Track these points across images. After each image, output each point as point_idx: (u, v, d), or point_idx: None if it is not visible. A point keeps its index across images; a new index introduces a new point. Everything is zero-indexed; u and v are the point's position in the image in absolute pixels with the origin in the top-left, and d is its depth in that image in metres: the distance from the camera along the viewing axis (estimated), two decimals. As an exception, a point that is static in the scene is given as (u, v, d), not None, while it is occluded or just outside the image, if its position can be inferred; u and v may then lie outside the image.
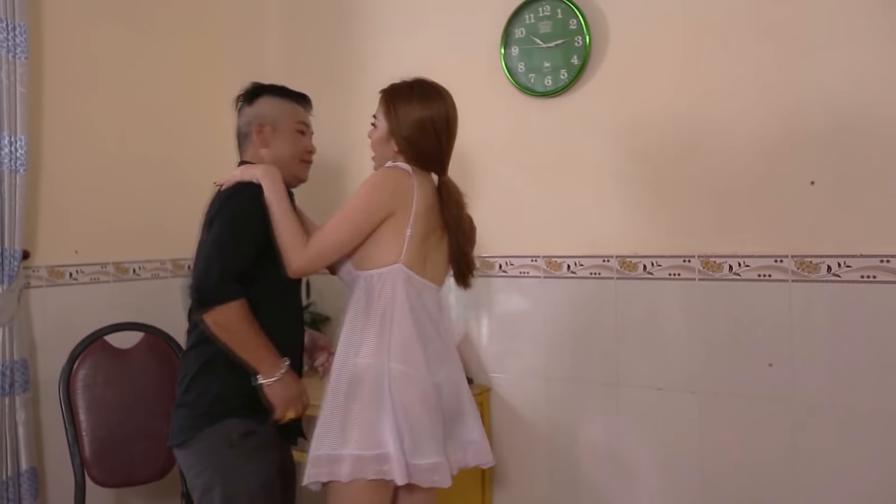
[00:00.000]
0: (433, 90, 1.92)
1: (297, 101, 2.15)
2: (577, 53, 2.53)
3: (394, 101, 1.90)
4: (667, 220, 2.42)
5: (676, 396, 2.39)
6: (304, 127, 2.13)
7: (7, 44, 2.52)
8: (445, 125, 1.91)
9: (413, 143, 1.87)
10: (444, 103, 1.92)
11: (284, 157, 2.06)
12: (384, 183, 1.82)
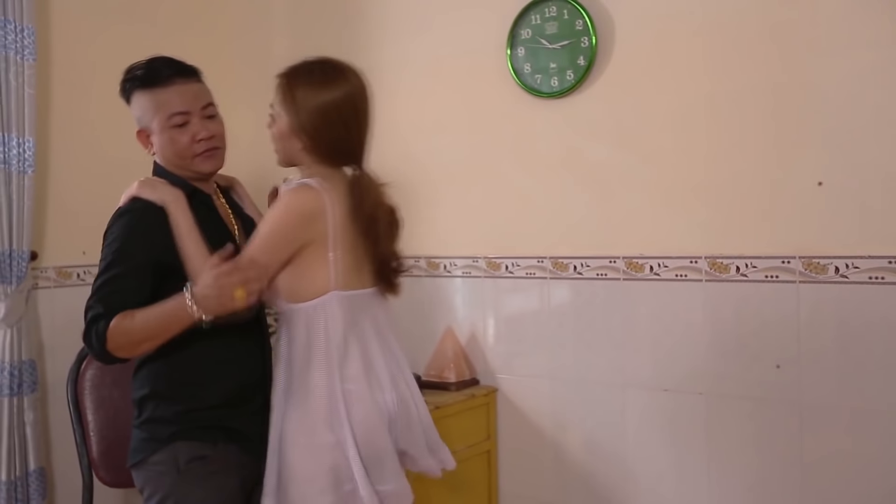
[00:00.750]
0: (335, 70, 1.70)
1: (165, 86, 1.78)
2: (584, 54, 2.53)
3: (291, 86, 1.68)
4: (673, 221, 2.41)
5: (683, 398, 2.39)
6: (180, 118, 1.78)
7: (16, 45, 2.53)
8: (353, 110, 1.68)
9: (318, 135, 1.66)
10: (350, 84, 1.69)
11: (172, 160, 1.80)
12: (291, 213, 1.63)
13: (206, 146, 1.80)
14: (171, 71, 1.79)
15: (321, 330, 1.65)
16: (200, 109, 1.80)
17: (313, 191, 1.63)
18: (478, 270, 2.78)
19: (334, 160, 1.70)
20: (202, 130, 1.79)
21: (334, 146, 1.68)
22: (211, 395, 1.77)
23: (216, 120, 1.84)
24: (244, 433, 1.79)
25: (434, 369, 2.73)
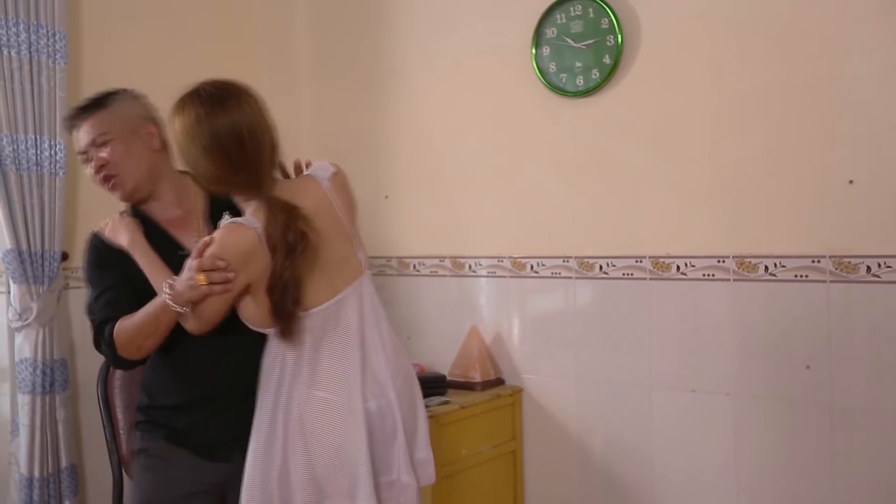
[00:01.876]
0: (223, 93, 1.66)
1: (72, 132, 1.88)
2: (609, 53, 2.52)
3: (168, 126, 1.68)
4: (700, 221, 2.39)
5: (711, 399, 2.36)
6: (83, 158, 1.87)
7: (48, 49, 2.57)
8: (237, 141, 1.60)
9: (211, 181, 1.63)
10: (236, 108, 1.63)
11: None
12: (227, 256, 1.56)
13: (100, 177, 1.85)
14: (74, 115, 1.87)
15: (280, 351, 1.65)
16: (91, 143, 1.83)
17: (247, 231, 1.58)
18: (503, 270, 2.77)
19: (239, 196, 1.69)
20: (94, 160, 1.84)
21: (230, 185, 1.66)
22: (163, 395, 1.89)
23: (107, 147, 1.83)
24: (195, 439, 1.85)
25: (459, 369, 2.73)
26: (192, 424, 1.86)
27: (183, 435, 1.86)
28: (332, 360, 1.65)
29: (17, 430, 2.57)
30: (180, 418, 1.87)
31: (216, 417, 1.85)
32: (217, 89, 1.65)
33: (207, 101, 1.62)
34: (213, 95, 1.63)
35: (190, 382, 1.87)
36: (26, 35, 2.52)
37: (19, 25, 2.50)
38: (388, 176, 2.98)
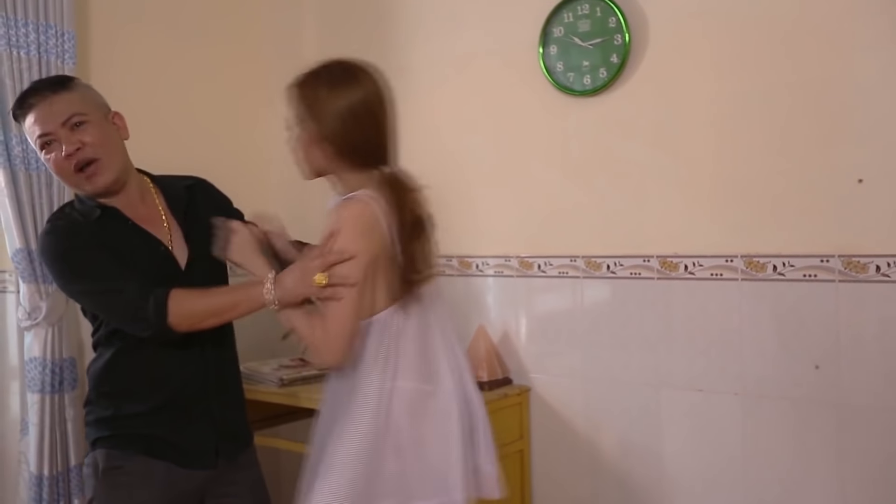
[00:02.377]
0: (346, 72, 1.62)
1: (26, 113, 1.69)
2: (617, 52, 2.51)
3: (305, 95, 1.61)
4: (708, 220, 2.39)
5: (719, 398, 2.36)
6: (44, 140, 1.67)
7: (56, 49, 2.58)
8: (380, 105, 1.62)
9: (347, 139, 1.59)
10: (364, 84, 1.62)
11: (61, 180, 1.76)
12: (351, 230, 1.56)
13: (75, 161, 1.67)
14: (33, 94, 1.68)
15: (383, 342, 1.61)
16: (62, 124, 1.66)
17: (362, 203, 1.58)
18: (510, 270, 2.77)
19: (362, 163, 1.63)
20: (67, 144, 1.66)
21: (362, 149, 1.62)
22: (137, 402, 1.76)
23: (85, 128, 1.68)
24: (177, 447, 1.77)
25: (466, 368, 2.73)
26: (172, 431, 1.76)
27: (163, 444, 1.75)
28: (424, 350, 1.66)
29: (27, 429, 2.58)
30: (158, 425, 1.75)
31: (197, 421, 1.78)
32: (356, 62, 1.66)
33: (356, 67, 1.64)
34: (357, 65, 1.65)
35: (165, 383, 1.77)
36: (35, 35, 2.52)
37: (28, 26, 2.51)
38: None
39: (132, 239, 1.79)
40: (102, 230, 1.76)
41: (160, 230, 1.85)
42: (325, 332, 1.55)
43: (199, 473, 1.80)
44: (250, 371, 2.94)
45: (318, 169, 1.67)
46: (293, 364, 3.00)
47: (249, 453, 1.98)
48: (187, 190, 1.93)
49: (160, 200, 1.89)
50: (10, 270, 2.64)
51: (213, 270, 1.86)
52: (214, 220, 1.75)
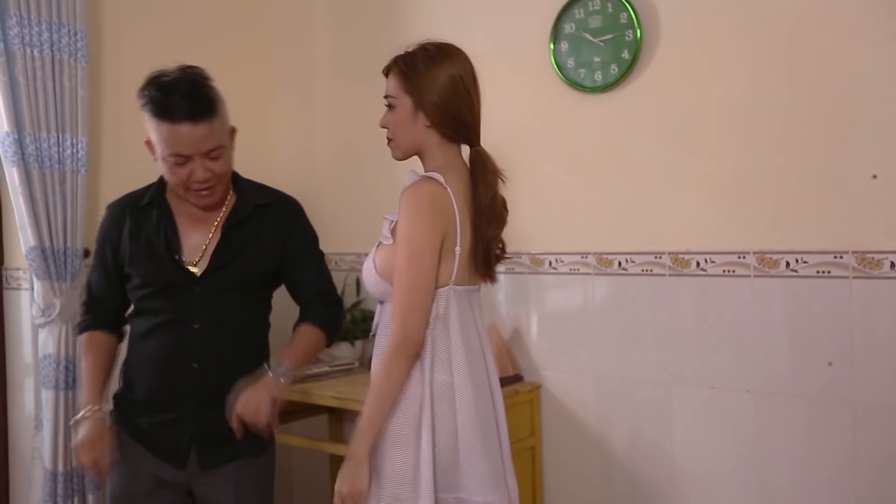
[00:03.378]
0: (448, 47, 1.71)
1: (173, 124, 1.77)
2: (628, 48, 2.50)
3: (412, 69, 1.67)
4: (720, 216, 2.38)
5: (731, 395, 2.35)
6: (181, 159, 1.79)
7: (69, 48, 2.59)
8: (473, 82, 1.71)
9: (446, 107, 1.66)
10: (464, 58, 1.71)
11: (171, 184, 1.87)
12: (429, 208, 1.61)
13: (202, 186, 1.83)
14: (183, 111, 1.76)
15: (434, 324, 1.65)
16: (204, 153, 1.80)
17: (437, 183, 1.64)
18: (521, 266, 2.77)
19: (457, 135, 1.71)
20: (201, 171, 1.80)
21: (461, 119, 1.69)
22: (133, 388, 1.92)
23: (220, 161, 1.84)
24: (155, 439, 1.86)
25: (478, 365, 2.73)
26: (151, 424, 1.86)
27: (143, 433, 1.87)
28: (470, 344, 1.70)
29: (41, 425, 2.60)
30: (144, 416, 1.87)
31: (175, 420, 1.85)
32: (449, 43, 1.75)
33: (450, 46, 1.72)
34: (451, 45, 1.73)
35: (153, 377, 1.87)
36: (48, 34, 2.54)
37: (41, 25, 2.52)
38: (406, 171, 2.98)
39: (161, 237, 1.88)
40: (139, 219, 1.92)
41: (199, 236, 1.91)
42: (399, 307, 1.60)
43: (174, 469, 1.87)
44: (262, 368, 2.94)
45: (411, 144, 1.73)
46: (305, 361, 3.00)
47: (240, 467, 1.94)
48: (256, 207, 1.96)
49: (226, 208, 1.95)
50: (25, 268, 2.66)
51: (232, 285, 1.90)
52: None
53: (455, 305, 1.67)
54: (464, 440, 1.63)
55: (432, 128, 1.68)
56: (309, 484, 3.42)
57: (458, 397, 1.64)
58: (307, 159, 3.42)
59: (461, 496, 1.63)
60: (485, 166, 1.71)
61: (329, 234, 3.33)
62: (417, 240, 1.60)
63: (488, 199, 1.69)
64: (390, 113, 1.72)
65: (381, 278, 1.68)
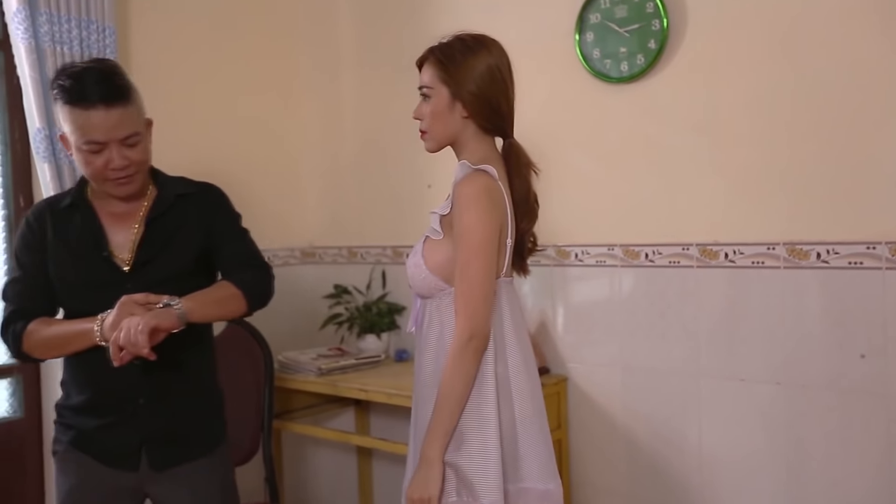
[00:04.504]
0: (485, 38, 1.71)
1: (86, 109, 1.69)
2: (655, 37, 2.48)
3: (449, 58, 1.66)
4: (749, 207, 2.35)
5: (760, 388, 2.32)
6: (96, 146, 1.71)
7: (98, 45, 2.62)
8: (509, 73, 1.71)
9: (484, 98, 1.65)
10: (500, 49, 1.71)
11: (88, 175, 1.78)
12: (487, 201, 1.60)
13: (120, 174, 1.75)
14: (96, 95, 1.69)
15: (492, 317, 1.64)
16: (119, 139, 1.73)
17: (489, 175, 1.63)
18: (547, 259, 2.76)
19: (492, 126, 1.70)
20: (118, 158, 1.73)
21: (497, 109, 1.68)
22: (75, 395, 1.86)
23: (137, 148, 1.77)
24: (103, 444, 1.82)
25: (503, 358, 2.73)
26: (98, 428, 1.81)
27: (88, 439, 1.82)
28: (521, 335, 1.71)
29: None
30: (88, 420, 1.83)
31: (122, 423, 1.80)
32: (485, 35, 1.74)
33: (486, 38, 1.71)
34: (487, 36, 1.73)
35: (99, 381, 1.81)
36: (77, 31, 2.57)
37: (71, 22, 2.55)
38: (431, 165, 2.97)
39: (87, 236, 1.82)
40: (62, 221, 1.84)
41: (124, 233, 1.85)
42: (466, 301, 1.58)
43: (125, 474, 1.82)
44: (288, 360, 2.97)
45: (446, 135, 1.71)
46: (331, 353, 3.03)
47: (194, 469, 1.89)
48: (178, 197, 1.88)
49: (148, 202, 1.88)
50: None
51: (164, 277, 1.81)
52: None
53: (506, 297, 1.68)
54: (523, 431, 1.64)
55: (469, 118, 1.67)
56: (336, 476, 3.44)
57: (514, 388, 1.64)
58: (331, 153, 3.44)
59: (523, 486, 1.64)
60: (519, 159, 1.71)
61: (353, 227, 3.35)
62: (480, 233, 1.58)
63: (522, 193, 1.70)
64: (425, 103, 1.70)
65: (432, 274, 1.66)
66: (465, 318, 1.58)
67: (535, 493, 1.65)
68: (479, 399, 1.60)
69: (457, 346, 1.58)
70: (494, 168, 1.65)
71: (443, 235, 1.67)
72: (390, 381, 2.74)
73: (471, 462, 1.59)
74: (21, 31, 2.46)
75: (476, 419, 1.60)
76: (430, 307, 1.70)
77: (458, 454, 1.59)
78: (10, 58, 2.55)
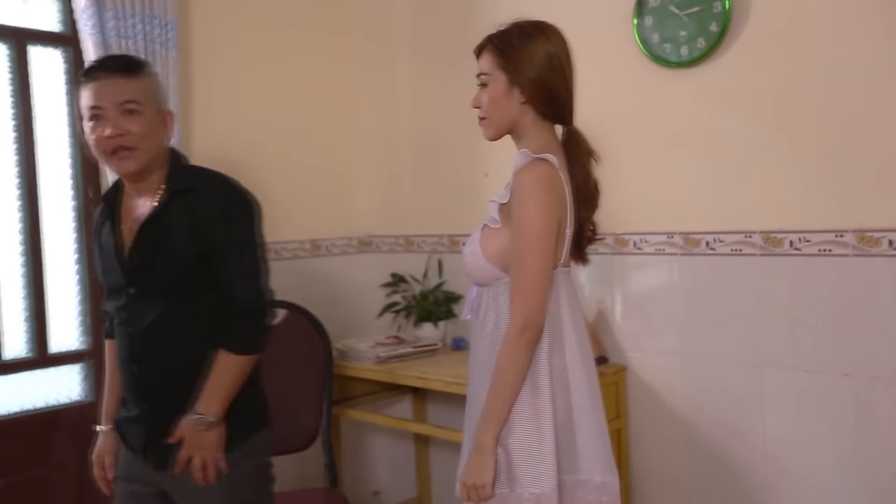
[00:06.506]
0: (544, 25, 1.69)
1: (88, 81, 1.72)
2: (716, 20, 2.42)
3: (507, 45, 1.65)
4: (816, 193, 2.28)
5: (828, 380, 2.26)
6: (91, 112, 1.71)
7: (161, 39, 2.69)
8: (568, 61, 1.69)
9: (543, 83, 1.64)
10: (560, 36, 1.69)
11: (94, 152, 1.76)
12: (546, 190, 1.59)
13: (114, 144, 1.70)
14: (104, 68, 1.72)
15: (548, 307, 1.63)
16: (117, 105, 1.69)
17: (550, 164, 1.61)
18: (604, 247, 2.72)
19: (551, 113, 1.68)
20: (113, 127, 1.69)
21: (556, 96, 1.66)
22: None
23: (135, 118, 1.71)
24: (124, 434, 1.87)
25: (561, 347, 2.71)
26: (123, 421, 1.86)
27: (119, 427, 1.89)
28: (578, 325, 1.69)
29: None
30: (122, 410, 1.88)
31: (135, 419, 1.83)
32: (545, 21, 1.73)
33: (546, 24, 1.70)
34: (547, 22, 1.72)
35: (121, 379, 1.86)
36: (141, 26, 2.64)
37: (135, 17, 2.62)
38: (487, 153, 2.97)
39: (108, 237, 1.85)
40: (108, 205, 1.87)
41: (127, 224, 1.84)
42: (521, 291, 1.58)
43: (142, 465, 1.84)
44: (347, 348, 3.01)
45: (505, 122, 1.69)
46: (389, 341, 3.06)
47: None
48: (173, 195, 1.79)
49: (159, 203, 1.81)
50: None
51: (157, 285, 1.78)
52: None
53: (563, 287, 1.67)
54: (580, 422, 1.64)
55: (528, 104, 1.66)
56: (393, 463, 3.48)
57: (572, 379, 1.64)
58: (388, 142, 3.45)
59: (580, 477, 1.63)
60: (579, 146, 1.69)
61: (410, 216, 3.36)
62: (538, 223, 1.57)
63: (582, 180, 1.69)
64: (483, 91, 1.69)
65: (489, 262, 1.66)
66: (519, 308, 1.58)
67: (591, 485, 1.64)
68: (534, 389, 1.60)
69: (510, 335, 1.58)
70: (555, 156, 1.64)
71: (501, 224, 1.66)
72: (448, 369, 2.75)
73: (524, 451, 1.59)
74: (89, 27, 2.54)
75: (530, 409, 1.60)
76: (487, 295, 1.70)
77: (511, 443, 1.59)
78: (78, 53, 2.63)
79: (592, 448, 1.65)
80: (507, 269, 1.64)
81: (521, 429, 1.59)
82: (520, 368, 1.58)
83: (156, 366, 1.78)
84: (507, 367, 1.58)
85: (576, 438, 1.63)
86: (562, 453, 1.61)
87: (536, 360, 1.61)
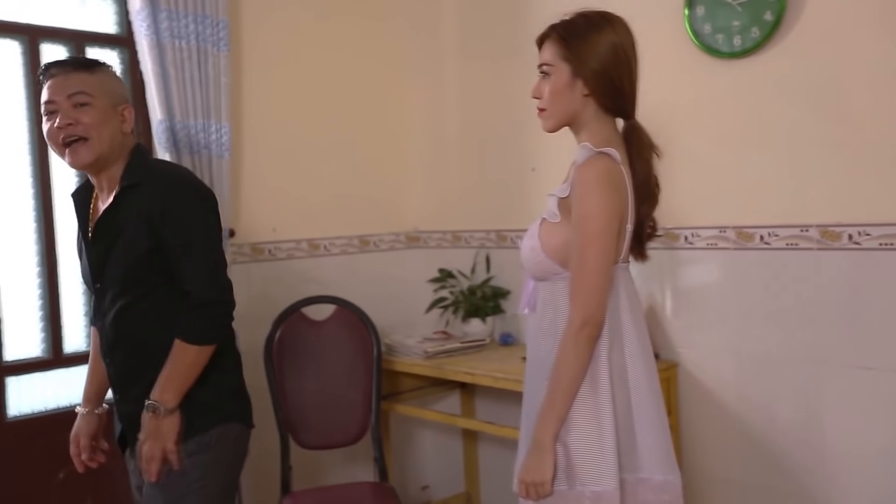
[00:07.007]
0: (610, 15, 1.66)
1: (44, 82, 1.78)
2: (771, 9, 2.36)
3: (571, 35, 1.62)
4: (875, 185, 2.21)
5: (891, 378, 2.19)
6: (47, 106, 1.76)
7: (213, 38, 2.73)
8: (633, 52, 1.66)
9: (607, 75, 1.60)
10: (626, 27, 1.66)
11: (50, 145, 1.81)
12: (608, 185, 1.57)
13: (66, 134, 1.73)
14: (56, 66, 1.78)
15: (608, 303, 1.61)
16: (67, 97, 1.73)
17: (613, 158, 1.59)
18: (655, 241, 2.65)
19: (615, 105, 1.65)
20: (63, 118, 1.73)
21: (620, 88, 1.63)
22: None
23: (86, 109, 1.74)
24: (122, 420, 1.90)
25: (610, 343, 2.68)
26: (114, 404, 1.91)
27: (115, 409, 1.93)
28: (638, 321, 1.68)
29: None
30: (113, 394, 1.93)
31: (118, 404, 1.89)
32: (610, 12, 1.70)
33: (612, 15, 1.67)
34: (612, 13, 1.69)
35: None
36: (194, 26, 2.68)
37: (188, 17, 2.67)
38: (535, 148, 2.95)
39: (85, 214, 1.90)
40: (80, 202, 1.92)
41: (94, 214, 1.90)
42: (582, 287, 1.56)
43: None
44: (395, 343, 3.03)
45: (566, 114, 1.66)
46: (436, 337, 3.06)
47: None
48: (124, 189, 1.80)
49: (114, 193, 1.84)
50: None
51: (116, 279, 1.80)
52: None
53: (623, 283, 1.64)
54: (640, 419, 1.61)
55: (590, 97, 1.62)
56: (441, 458, 3.49)
57: (631, 376, 1.61)
58: (436, 138, 3.46)
59: (641, 476, 1.61)
60: (641, 141, 1.67)
61: (457, 212, 3.36)
62: (599, 219, 1.55)
63: (643, 176, 1.66)
64: (544, 81, 1.65)
65: (548, 257, 1.64)
66: (579, 305, 1.56)
67: (653, 484, 1.61)
68: (593, 386, 1.58)
69: (570, 332, 1.56)
70: (616, 151, 1.61)
71: (560, 218, 1.63)
72: (496, 364, 2.74)
73: (584, 449, 1.57)
74: (144, 28, 2.59)
75: (590, 407, 1.58)
76: (544, 290, 1.68)
77: (570, 440, 1.58)
78: (133, 54, 2.70)
79: (653, 446, 1.62)
80: (565, 265, 1.62)
81: (581, 426, 1.57)
82: (579, 366, 1.56)
83: (123, 358, 1.84)
84: (567, 364, 1.56)
85: (636, 436, 1.61)
86: (622, 451, 1.59)
87: (596, 357, 1.58)
